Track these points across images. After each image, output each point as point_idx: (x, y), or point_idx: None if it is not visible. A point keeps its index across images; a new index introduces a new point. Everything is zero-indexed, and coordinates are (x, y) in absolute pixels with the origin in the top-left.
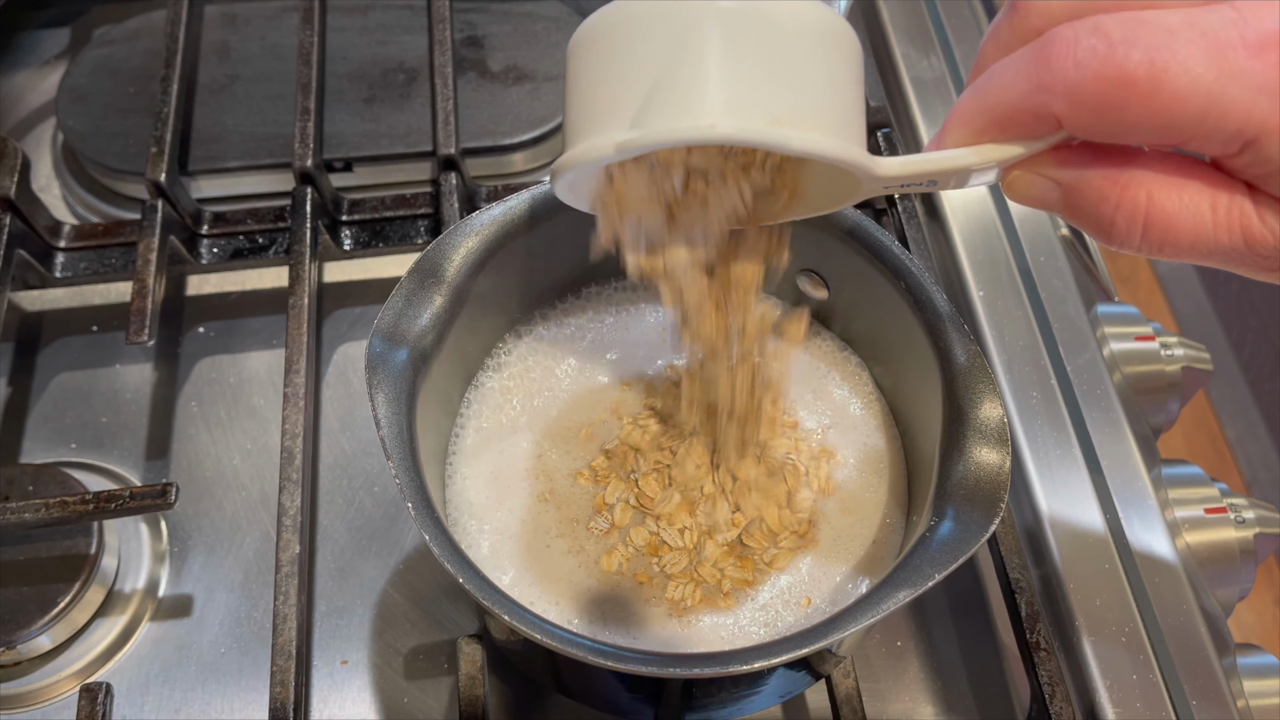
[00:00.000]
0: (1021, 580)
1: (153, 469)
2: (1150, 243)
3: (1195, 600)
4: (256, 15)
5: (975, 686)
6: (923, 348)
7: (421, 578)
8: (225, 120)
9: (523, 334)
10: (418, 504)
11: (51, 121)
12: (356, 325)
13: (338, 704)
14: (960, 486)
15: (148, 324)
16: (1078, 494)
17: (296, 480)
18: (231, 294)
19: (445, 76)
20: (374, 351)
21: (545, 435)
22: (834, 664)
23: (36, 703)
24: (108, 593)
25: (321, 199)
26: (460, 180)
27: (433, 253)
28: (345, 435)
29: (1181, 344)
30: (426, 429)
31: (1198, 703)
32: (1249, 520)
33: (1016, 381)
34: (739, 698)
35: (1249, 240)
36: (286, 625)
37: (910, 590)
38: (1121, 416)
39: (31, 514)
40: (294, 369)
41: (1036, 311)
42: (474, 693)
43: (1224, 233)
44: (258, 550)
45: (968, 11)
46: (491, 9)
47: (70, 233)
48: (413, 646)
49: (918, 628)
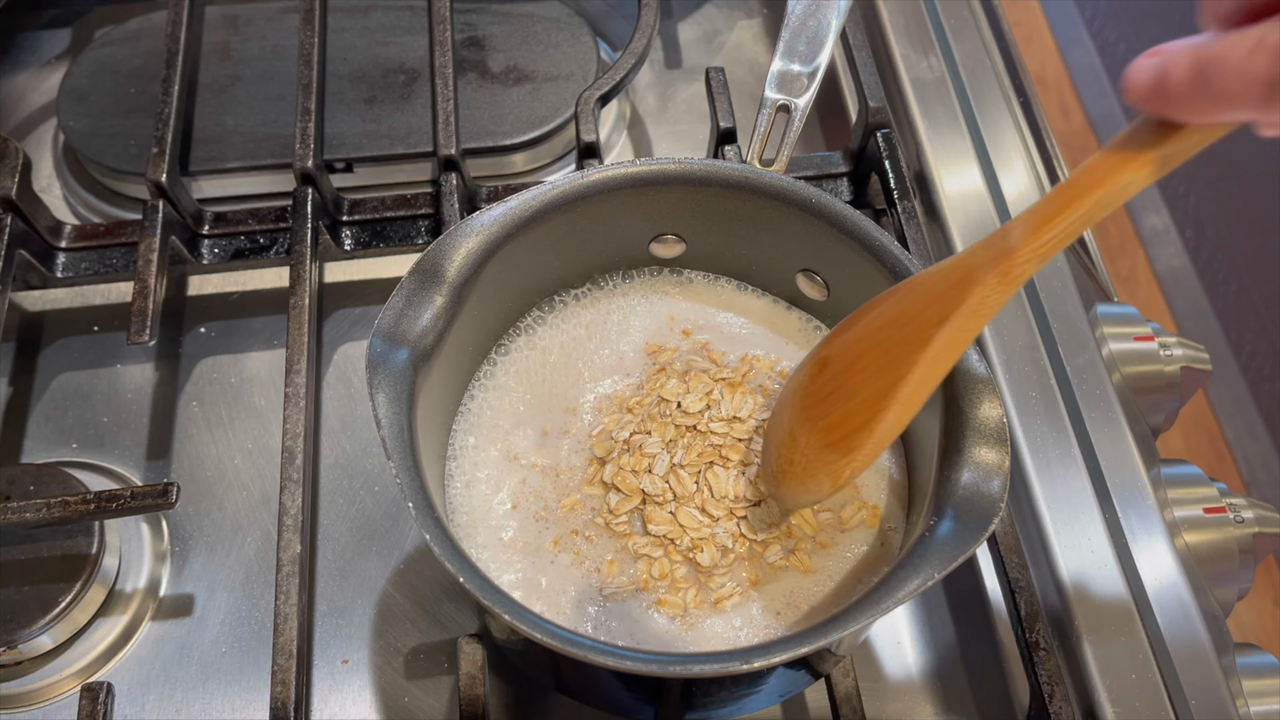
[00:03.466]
0: (1021, 580)
1: (154, 469)
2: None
3: (1194, 600)
4: (257, 16)
5: (975, 686)
6: None
7: (422, 577)
8: (226, 121)
9: (523, 334)
10: (418, 504)
11: (53, 122)
12: (357, 325)
13: (338, 703)
14: (960, 486)
15: (149, 324)
16: (1077, 494)
17: (297, 480)
18: (232, 294)
19: (446, 77)
20: (375, 351)
21: (546, 434)
22: (834, 663)
23: (37, 702)
24: (109, 592)
25: (322, 199)
26: (460, 181)
27: (433, 253)
28: (346, 435)
29: (1180, 344)
30: (427, 429)
31: (1197, 703)
32: (1248, 520)
33: (1015, 381)
34: (739, 697)
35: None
36: (287, 625)
37: (910, 590)
38: (1120, 416)
39: (33, 514)
40: (295, 369)
41: (1036, 311)
42: (474, 692)
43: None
44: (259, 550)
45: (967, 12)
46: (491, 10)
47: (71, 233)
48: (413, 646)
49: (918, 627)
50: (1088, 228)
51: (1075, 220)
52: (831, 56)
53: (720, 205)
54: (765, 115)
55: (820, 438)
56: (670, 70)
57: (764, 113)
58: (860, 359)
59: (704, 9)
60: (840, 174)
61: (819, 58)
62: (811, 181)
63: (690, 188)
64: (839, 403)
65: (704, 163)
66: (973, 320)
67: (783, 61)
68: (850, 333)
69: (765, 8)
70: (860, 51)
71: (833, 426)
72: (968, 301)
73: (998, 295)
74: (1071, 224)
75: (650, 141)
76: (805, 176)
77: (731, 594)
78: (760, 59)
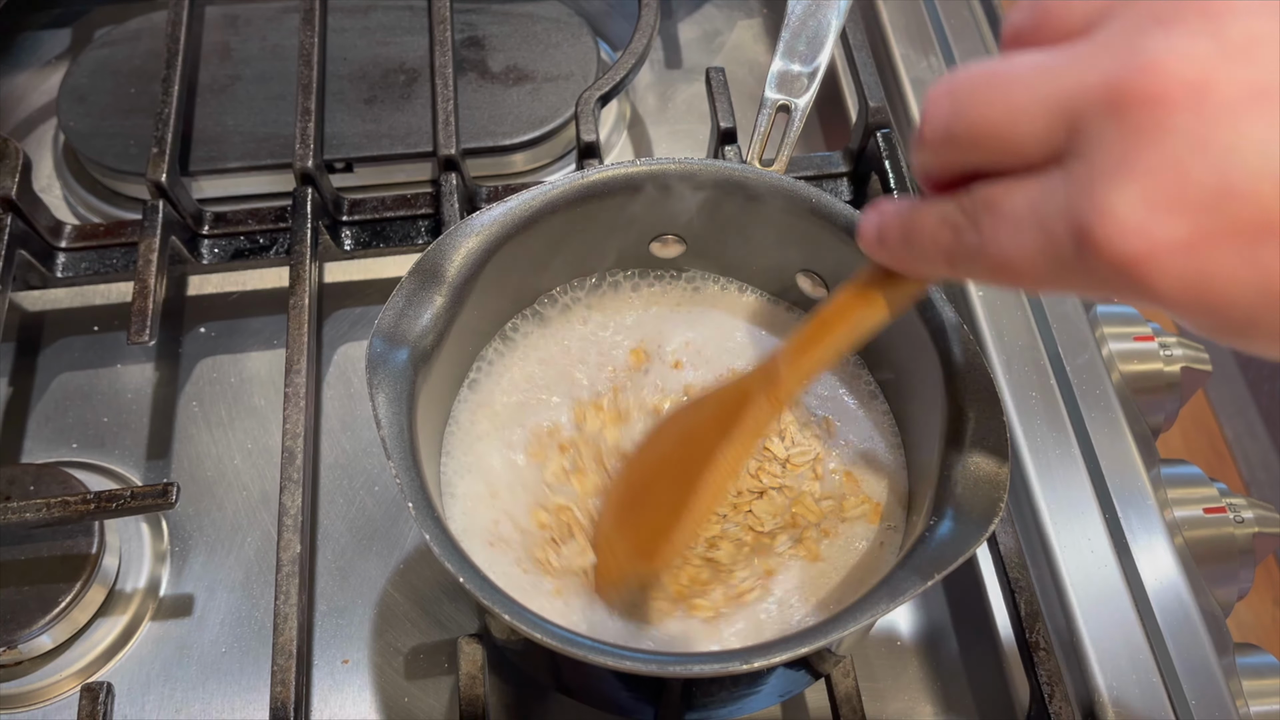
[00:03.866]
0: (1021, 580)
1: (154, 469)
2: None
3: (1194, 600)
4: (257, 16)
5: (975, 686)
6: (923, 348)
7: (422, 577)
8: (226, 121)
9: (524, 333)
10: (418, 503)
11: (53, 122)
12: (357, 325)
13: (338, 703)
14: (960, 487)
15: (149, 324)
16: (1077, 494)
17: (297, 480)
18: (232, 294)
19: (446, 77)
20: (375, 351)
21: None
22: (834, 663)
23: (37, 702)
24: (109, 592)
25: (322, 199)
26: (460, 181)
27: (433, 253)
28: (346, 435)
29: (1180, 344)
30: (427, 429)
31: (1197, 703)
32: (1248, 520)
33: (1016, 382)
34: (739, 697)
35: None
36: (287, 625)
37: (910, 590)
38: (1120, 416)
39: (33, 514)
40: (295, 369)
41: (1035, 311)
42: (474, 692)
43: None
44: (258, 550)
45: (967, 12)
46: (491, 10)
47: (71, 233)
48: (413, 646)
49: (918, 627)
50: (840, 356)
51: (826, 351)
52: (831, 56)
53: (720, 205)
54: (765, 115)
55: (629, 544)
56: (670, 70)
57: (764, 113)
58: (660, 474)
59: (704, 9)
60: (840, 174)
61: (819, 58)
62: (811, 181)
63: (690, 188)
64: (645, 513)
65: (704, 163)
66: (750, 438)
67: (783, 61)
68: (652, 448)
69: (765, 8)
70: (860, 51)
71: (639, 534)
72: (744, 422)
73: (769, 415)
74: (822, 355)
75: (650, 141)
76: (805, 176)
77: (753, 587)
78: (760, 59)
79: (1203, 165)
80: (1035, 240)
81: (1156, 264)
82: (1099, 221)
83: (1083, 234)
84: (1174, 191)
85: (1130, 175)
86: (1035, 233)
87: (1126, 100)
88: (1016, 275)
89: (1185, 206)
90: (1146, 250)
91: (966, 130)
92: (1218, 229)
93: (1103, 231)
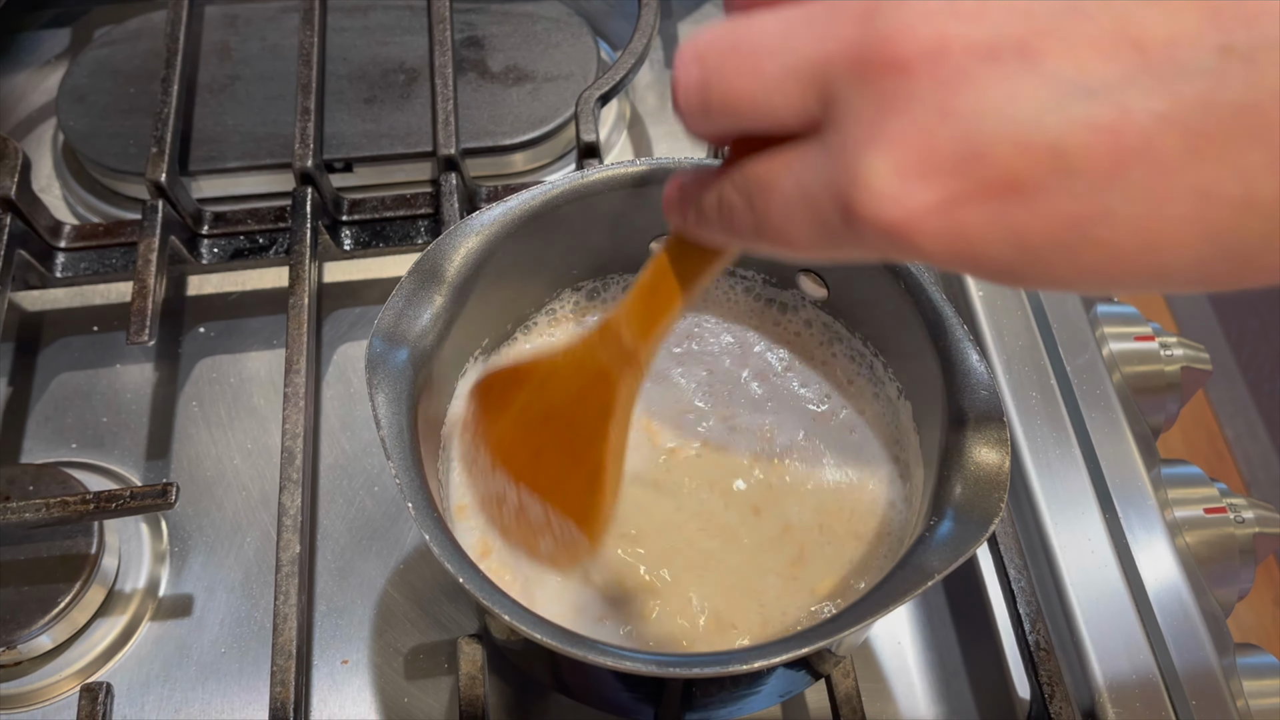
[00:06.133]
0: (1021, 580)
1: (153, 469)
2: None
3: (1194, 600)
4: (257, 16)
5: (975, 686)
6: (922, 347)
7: (422, 577)
8: (226, 120)
9: (524, 333)
10: (418, 504)
11: (52, 122)
12: (357, 325)
13: (338, 704)
14: (960, 486)
15: (148, 324)
16: (1077, 494)
17: (297, 480)
18: (232, 294)
19: (445, 77)
20: (374, 351)
21: None
22: (834, 664)
23: (37, 702)
24: (108, 592)
25: (322, 199)
26: (460, 180)
27: (433, 253)
28: (345, 435)
29: (1181, 344)
30: (427, 429)
31: (1197, 703)
32: (1248, 520)
33: (1016, 381)
34: (739, 697)
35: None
36: (287, 625)
37: (910, 590)
38: (1121, 416)
39: (32, 514)
40: (294, 369)
41: (1036, 311)
42: (474, 692)
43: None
44: (258, 550)
45: None
46: (491, 9)
47: (71, 233)
48: (413, 646)
49: (918, 628)
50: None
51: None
52: None
53: None
54: None
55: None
56: (670, 70)
57: None
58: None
59: (704, 9)
60: None
61: None
62: None
63: None
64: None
65: (704, 163)
66: (627, 406)
67: None
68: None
69: None
70: None
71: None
72: (619, 395)
73: (636, 382)
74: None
75: (650, 141)
76: None
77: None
78: None
79: (945, 131)
80: (806, 216)
81: (916, 228)
82: (857, 193)
83: (845, 206)
84: (922, 158)
85: (880, 145)
86: (804, 209)
87: (870, 69)
88: (796, 249)
89: (934, 171)
90: (904, 217)
91: (721, 103)
92: (965, 191)
93: (862, 202)
